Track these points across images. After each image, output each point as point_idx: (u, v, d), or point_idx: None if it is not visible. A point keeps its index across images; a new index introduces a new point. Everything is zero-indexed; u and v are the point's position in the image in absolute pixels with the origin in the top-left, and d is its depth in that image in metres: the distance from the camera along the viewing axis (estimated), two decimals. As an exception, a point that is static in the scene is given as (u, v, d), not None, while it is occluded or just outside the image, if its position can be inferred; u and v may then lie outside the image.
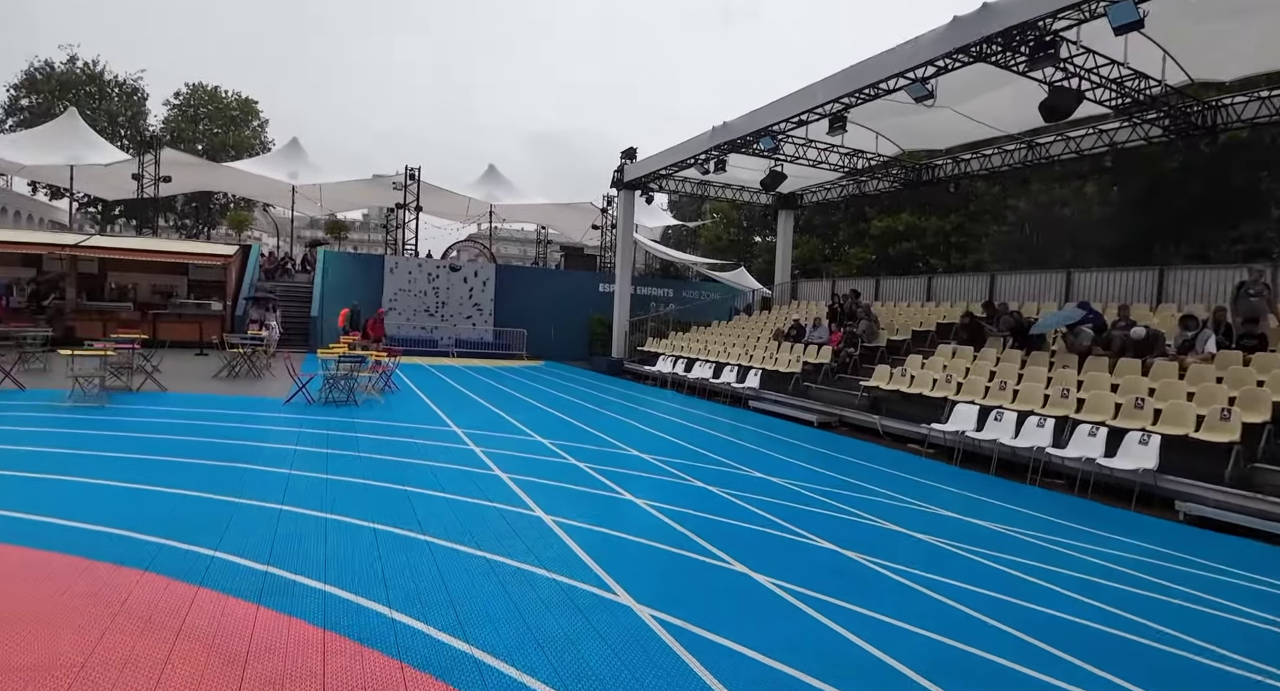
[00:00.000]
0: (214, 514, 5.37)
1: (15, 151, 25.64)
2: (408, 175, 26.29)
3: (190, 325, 20.00)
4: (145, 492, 5.85)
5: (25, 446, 7.31)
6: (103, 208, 43.51)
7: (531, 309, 26.02)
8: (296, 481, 6.46)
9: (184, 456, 7.19)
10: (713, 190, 23.51)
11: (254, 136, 50.39)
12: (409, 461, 7.56)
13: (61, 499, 5.56)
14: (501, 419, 10.93)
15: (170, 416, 9.41)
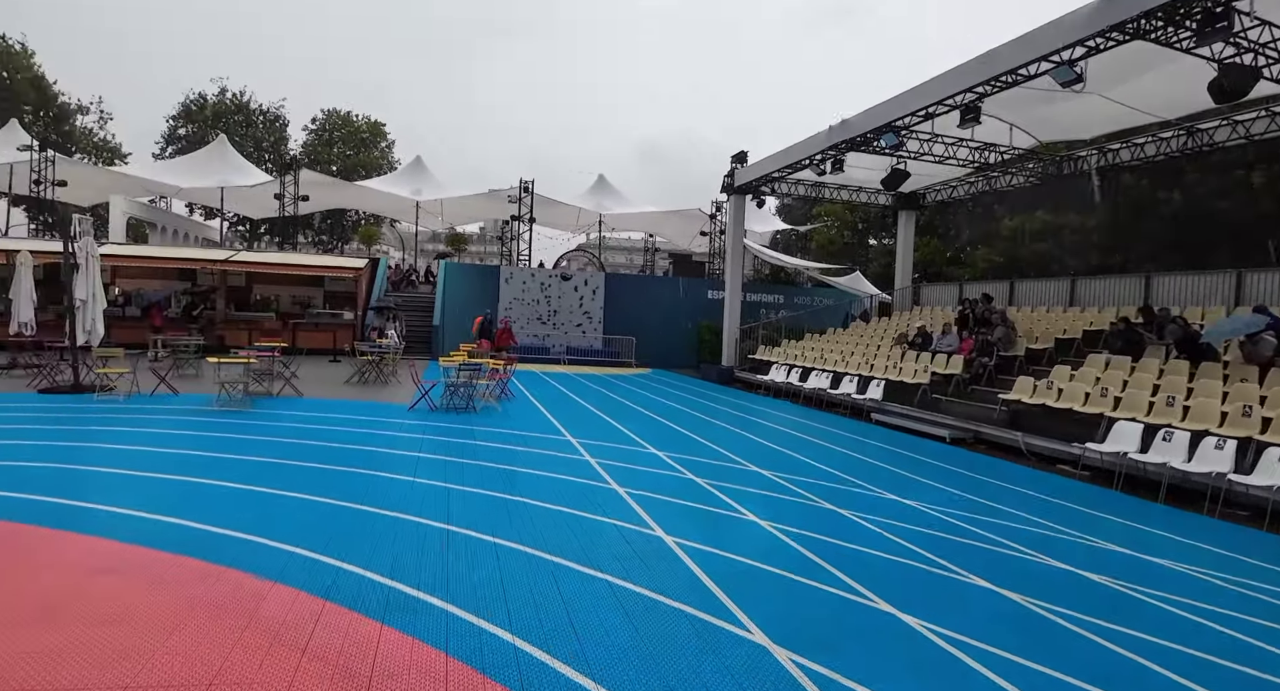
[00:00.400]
0: (342, 522, 5.45)
1: (174, 176, 28.51)
2: (521, 188, 27.01)
3: (325, 333, 21.33)
4: (279, 498, 6.04)
5: (173, 449, 7.82)
6: (249, 225, 47.66)
7: (640, 316, 26.02)
8: (419, 490, 6.51)
9: (316, 461, 7.45)
10: (828, 192, 22.65)
11: (382, 157, 53.70)
12: (527, 472, 7.50)
13: (199, 502, 5.82)
14: (614, 429, 10.79)
15: (305, 421, 9.89)
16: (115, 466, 6.89)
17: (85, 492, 5.92)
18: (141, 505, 5.61)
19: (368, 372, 15.15)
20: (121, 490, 6.10)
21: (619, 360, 24.93)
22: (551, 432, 10.02)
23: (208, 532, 5.04)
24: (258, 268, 22.57)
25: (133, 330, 19.53)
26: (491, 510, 5.99)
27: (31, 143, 24.74)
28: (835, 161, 17.47)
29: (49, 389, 11.66)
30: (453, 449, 8.45)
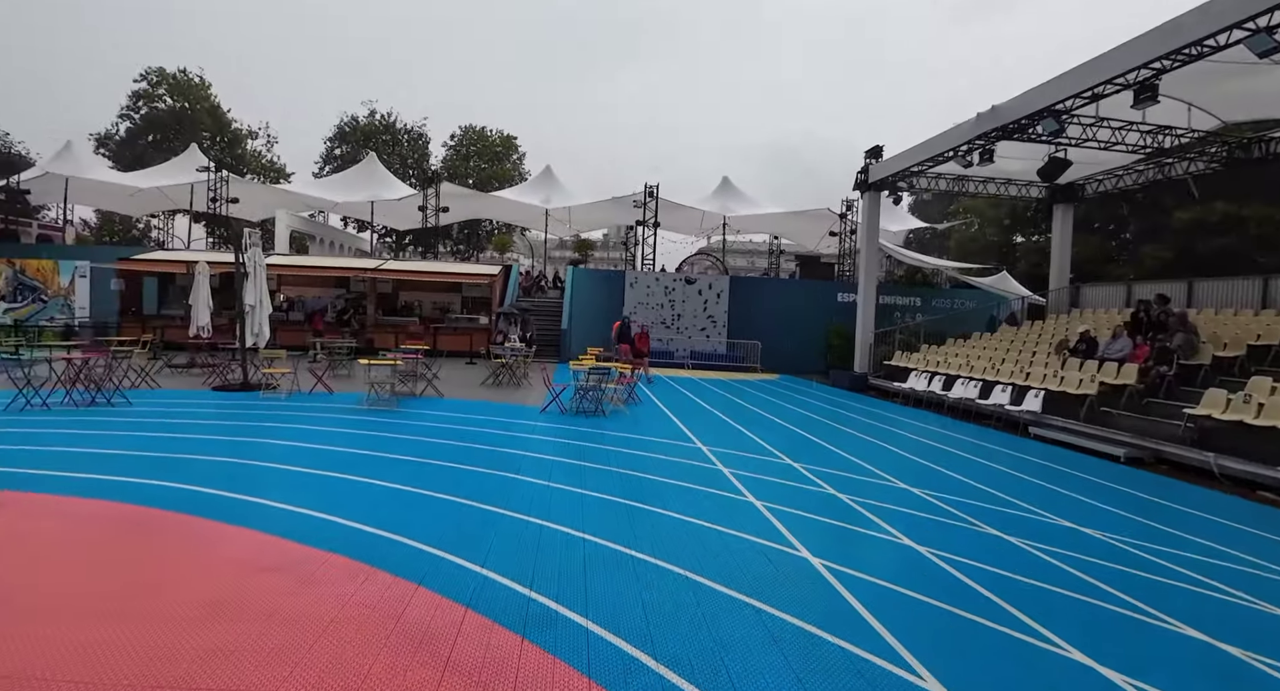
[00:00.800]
0: (482, 526, 5.46)
1: (329, 192, 31.00)
2: (646, 192, 27.12)
3: (462, 336, 22.35)
4: (422, 498, 6.18)
5: (327, 446, 8.28)
6: (396, 236, 51.13)
7: (765, 320, 25.40)
8: (555, 495, 6.47)
9: (456, 462, 7.63)
10: (972, 185, 21.10)
11: (514, 168, 56.08)
12: (659, 480, 7.30)
13: (350, 498, 6.05)
14: (745, 436, 10.41)
15: (445, 421, 10.25)
16: (277, 461, 7.36)
17: (250, 487, 6.32)
18: (299, 500, 5.90)
19: (501, 375, 15.63)
20: (281, 485, 6.47)
21: (744, 365, 24.43)
22: (681, 439, 9.80)
23: (357, 530, 5.19)
24: (403, 275, 24.03)
25: (295, 333, 21.33)
26: (626, 519, 5.83)
27: (208, 164, 27.70)
28: (984, 152, 16.18)
29: (221, 387, 12.84)
30: (585, 453, 8.42)
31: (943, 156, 17.56)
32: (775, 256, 41.47)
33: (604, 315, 24.98)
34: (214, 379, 13.57)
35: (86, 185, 30.37)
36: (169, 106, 49.91)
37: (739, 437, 10.29)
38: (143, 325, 22.60)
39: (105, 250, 26.40)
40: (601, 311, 24.99)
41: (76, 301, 24.75)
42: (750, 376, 22.12)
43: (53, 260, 24.71)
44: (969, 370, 16.19)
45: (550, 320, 25.20)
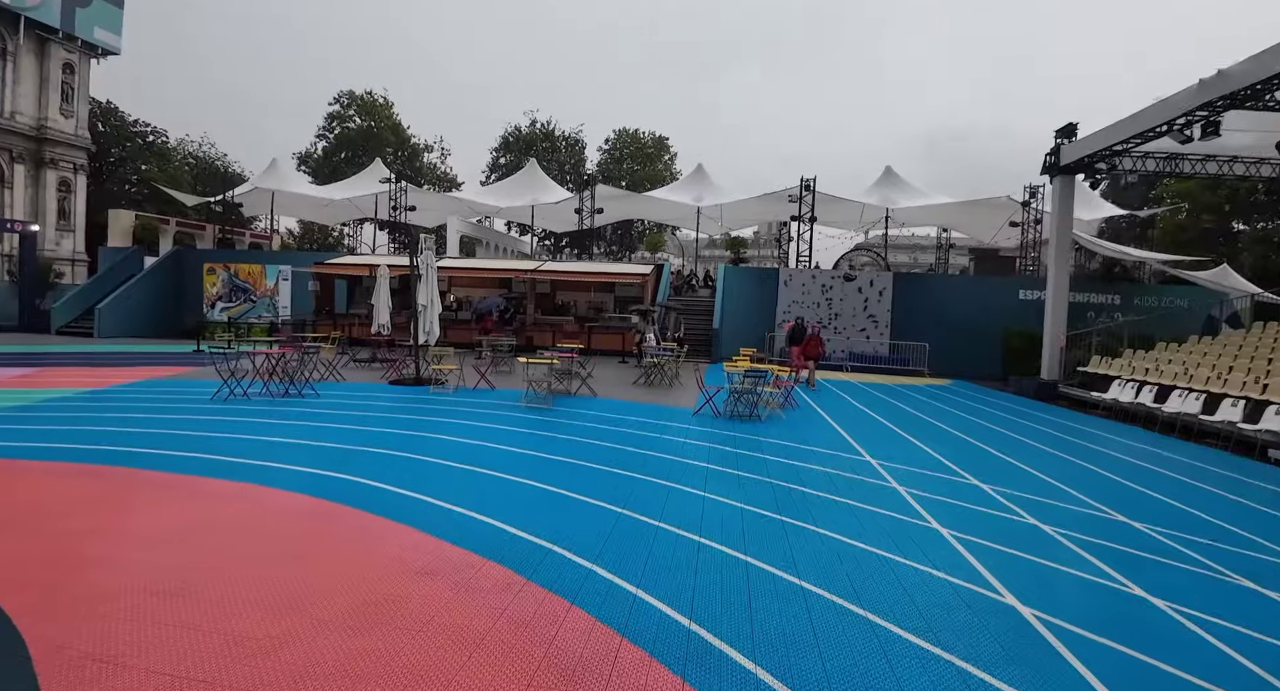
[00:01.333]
0: (637, 538, 5.14)
1: (494, 198, 32.72)
2: (802, 186, 26.01)
3: (615, 335, 22.56)
4: (578, 504, 5.98)
5: (488, 442, 8.37)
6: (554, 239, 53.19)
7: (933, 320, 23.46)
8: (713, 509, 6.03)
9: (611, 465, 7.41)
10: (1188, 164, 18.20)
11: (665, 169, 56.52)
12: (825, 497, 6.64)
13: (508, 500, 5.96)
14: (919, 450, 9.40)
15: (599, 421, 10.14)
16: (440, 456, 7.51)
17: (415, 482, 6.44)
18: (458, 498, 5.90)
19: (653, 375, 15.46)
20: (443, 482, 6.54)
21: (909, 368, 22.71)
22: (846, 450, 9.01)
23: (512, 536, 5.05)
24: (559, 276, 24.70)
25: (463, 331, 22.55)
26: (792, 542, 5.26)
27: (390, 176, 30.07)
28: (1206, 124, 13.78)
29: (397, 380, 13.65)
30: (742, 462, 7.91)
31: (1154, 131, 15.20)
32: (944, 251, 38.49)
33: (756, 314, 24.25)
34: (391, 373, 14.49)
35: (289, 198, 34.13)
36: (358, 126, 55.17)
37: (913, 451, 9.30)
38: (334, 322, 24.93)
39: (304, 255, 29.48)
40: (754, 310, 24.27)
41: (280, 301, 27.82)
42: (917, 381, 20.48)
43: (260, 265, 27.92)
44: (1187, 380, 13.84)
45: (700, 319, 24.85)
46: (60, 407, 9.89)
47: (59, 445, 7.49)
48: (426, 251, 13.69)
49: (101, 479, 6.28)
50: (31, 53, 37.93)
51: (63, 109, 39.68)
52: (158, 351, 18.93)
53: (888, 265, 35.49)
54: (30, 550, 4.53)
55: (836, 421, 11.39)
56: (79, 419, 9.07)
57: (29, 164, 38.34)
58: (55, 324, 26.04)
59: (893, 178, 32.41)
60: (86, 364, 15.92)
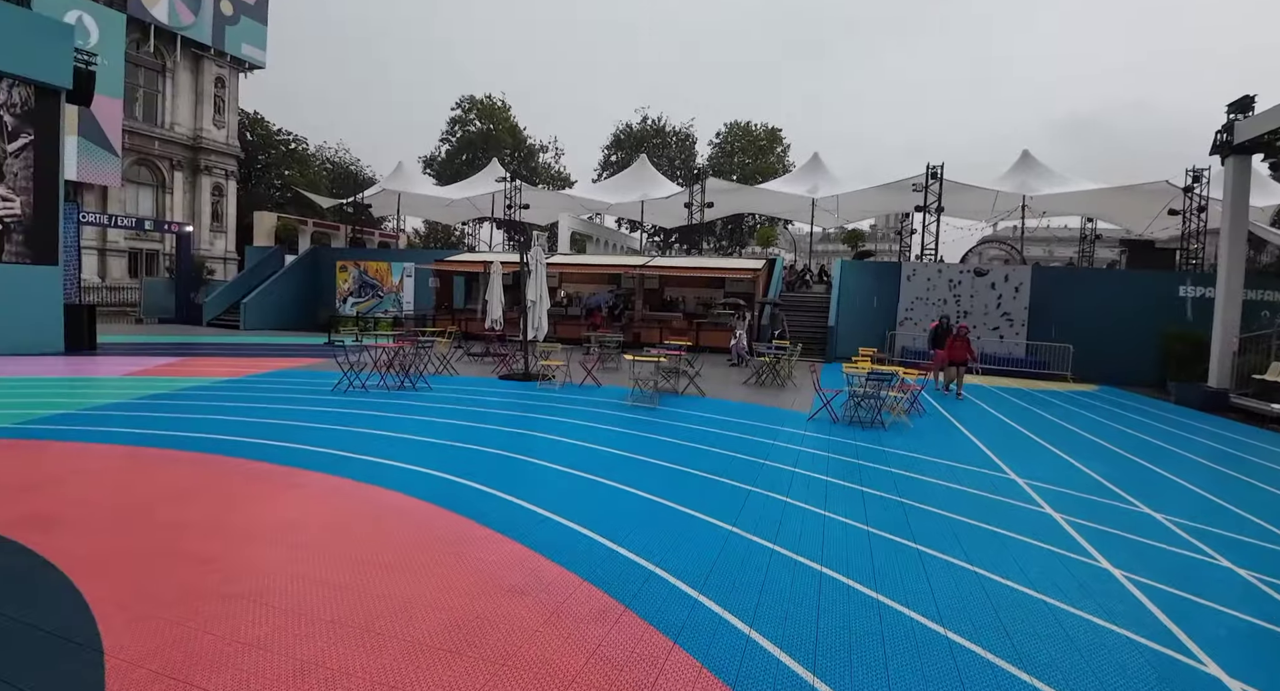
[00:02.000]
0: (748, 564, 4.59)
1: (604, 194, 32.81)
2: (929, 174, 24.28)
3: (724, 333, 21.91)
4: (685, 518, 5.50)
5: (591, 444, 8.04)
6: (663, 235, 52.98)
7: (1077, 319, 21.24)
8: (834, 530, 5.38)
9: (720, 474, 6.89)
10: None
11: (778, 162, 55.01)
12: (969, 523, 5.81)
13: (610, 510, 5.57)
14: (1071, 467, 8.25)
15: (706, 423, 9.63)
16: (541, 458, 7.25)
17: (514, 484, 6.19)
18: (557, 505, 5.59)
19: (764, 374, 14.76)
20: (542, 486, 6.25)
21: (1048, 372, 20.67)
22: (987, 466, 8.02)
23: (612, 552, 4.65)
24: (668, 271, 24.34)
25: (573, 327, 22.66)
26: (932, 577, 4.54)
27: (505, 175, 30.78)
28: None
29: (506, 375, 13.70)
30: (866, 476, 7.16)
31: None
32: (1088, 242, 35.01)
33: (876, 312, 22.89)
34: (501, 368, 14.60)
35: (413, 199, 35.75)
36: (478, 129, 57.25)
37: (1064, 468, 8.17)
38: (452, 317, 25.79)
39: (426, 253, 30.71)
40: (873, 308, 22.92)
41: (404, 296, 29.13)
42: (1059, 386, 18.58)
43: (386, 262, 29.33)
44: None
45: (814, 316, 23.76)
46: (193, 396, 10.50)
47: (184, 433, 7.84)
48: (536, 247, 13.65)
49: (209, 469, 6.43)
50: (187, 69, 41.76)
51: (215, 120, 43.51)
52: (293, 343, 20.19)
53: (1023, 258, 32.78)
54: (125, 543, 4.58)
55: (972, 431, 10.30)
56: (207, 408, 9.54)
57: (186, 171, 42.29)
58: (206, 317, 28.47)
59: (1030, 163, 29.83)
60: (229, 354, 17.12)
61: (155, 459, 6.77)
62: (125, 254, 39.75)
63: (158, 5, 38.39)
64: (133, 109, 39.45)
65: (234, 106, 45.23)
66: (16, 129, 15.30)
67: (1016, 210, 30.73)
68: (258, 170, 51.58)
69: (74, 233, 19.51)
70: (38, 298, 15.75)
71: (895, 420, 10.47)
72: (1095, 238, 35.74)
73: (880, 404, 10.24)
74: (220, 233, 44.09)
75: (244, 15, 43.13)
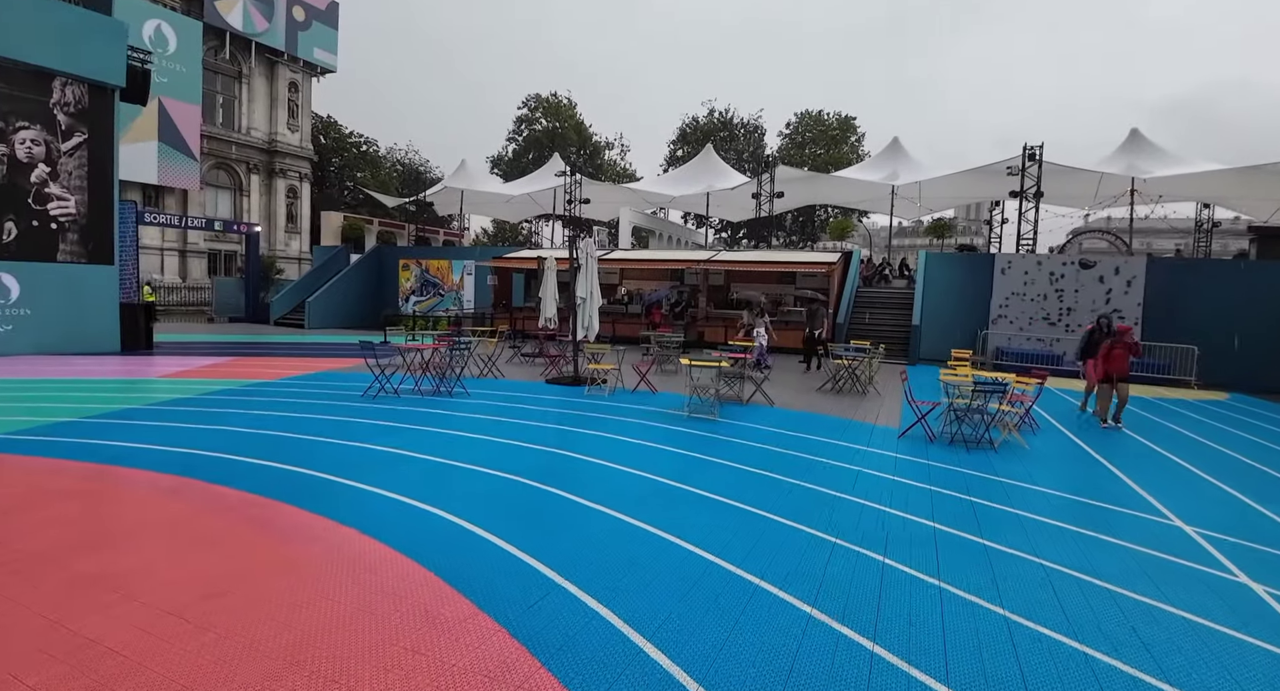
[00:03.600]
0: (840, 677, 3.20)
1: (668, 187, 31.41)
2: (1026, 155, 21.90)
3: (796, 332, 20.24)
4: (743, 588, 4.10)
5: (634, 469, 6.70)
6: (731, 230, 51.24)
7: (1200, 317, 18.62)
8: (959, 616, 3.85)
9: (792, 516, 5.44)
10: None
11: (851, 151, 52.40)
12: (1148, 604, 4.16)
13: (639, 573, 4.23)
14: (1249, 510, 6.38)
15: (775, 441, 8.17)
16: (576, 491, 5.97)
17: (537, 526, 4.95)
18: (585, 573, 4.28)
19: (842, 379, 13.13)
20: (572, 535, 4.97)
21: (1167, 377, 18.15)
22: (1139, 507, 6.28)
23: (638, 652, 3.33)
24: (735, 266, 22.81)
25: (633, 325, 21.46)
26: (1104, 682, 3.04)
27: (565, 169, 29.82)
28: None
29: (555, 379, 12.56)
30: (988, 522, 5.56)
31: None
32: (1204, 232, 31.42)
33: (965, 309, 20.75)
34: (551, 370, 13.51)
35: (476, 196, 35.32)
36: (544, 127, 56.89)
37: (1241, 513, 6.31)
38: (510, 315, 25.01)
39: (486, 250, 30.12)
40: (963, 304, 20.79)
41: (465, 295, 28.60)
42: (1184, 394, 16.15)
43: (447, 260, 28.85)
44: None
45: (894, 314, 21.79)
46: (214, 402, 9.75)
47: (172, 448, 6.96)
48: (587, 240, 12.47)
49: (179, 497, 5.45)
50: (262, 75, 42.68)
51: (289, 124, 44.40)
52: (348, 342, 19.66)
53: (1129, 248, 29.70)
54: (33, 597, 3.55)
55: (1103, 454, 8.47)
56: (218, 417, 8.71)
57: (262, 174, 43.27)
58: (273, 316, 28.66)
59: (1140, 143, 26.80)
60: (281, 354, 16.66)
61: (122, 481, 5.88)
62: (205, 254, 40.98)
63: (233, 12, 39.29)
64: (211, 114, 40.61)
65: (307, 110, 46.12)
66: (70, 128, 15.18)
67: (1119, 196, 27.68)
68: (332, 173, 52.63)
69: (132, 232, 19.56)
70: (93, 297, 15.63)
71: (1006, 438, 8.74)
72: (1211, 226, 32.13)
73: (988, 419, 8.52)
74: (295, 233, 45.02)
75: (315, 20, 43.81)
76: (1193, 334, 18.32)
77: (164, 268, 39.71)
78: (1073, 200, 29.19)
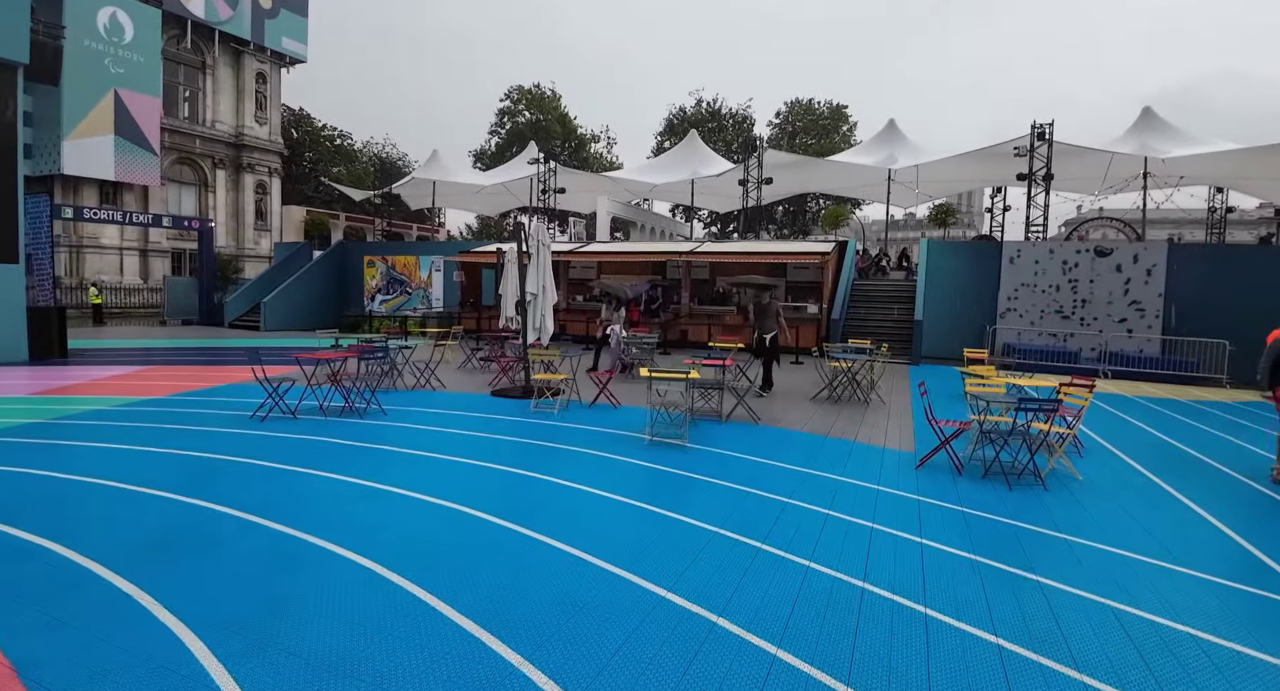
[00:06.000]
0: None
1: (649, 175, 29.48)
2: (1035, 134, 20.11)
3: (787, 329, 18.45)
4: None
5: (566, 538, 4.83)
6: (719, 222, 49.39)
7: (1228, 309, 16.91)
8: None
9: (787, 637, 3.62)
10: None
11: (843, 141, 50.68)
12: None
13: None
14: None
15: (760, 475, 6.30)
16: (485, 581, 4.11)
17: (393, 658, 3.09)
18: None
19: (840, 385, 11.30)
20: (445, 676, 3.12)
21: (1193, 375, 16.41)
22: (1258, 578, 4.47)
23: None
24: (720, 258, 20.95)
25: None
26: None
27: (538, 156, 27.85)
28: None
29: (501, 391, 10.69)
30: (1070, 626, 3.74)
31: None
32: (1218, 215, 29.72)
33: (971, 303, 18.99)
34: (501, 380, 11.65)
35: (449, 188, 33.29)
36: (527, 120, 54.88)
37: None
38: (479, 314, 23.11)
39: (458, 245, 28.18)
40: (968, 297, 19.03)
41: (433, 292, 26.64)
42: (1216, 394, 14.41)
43: (414, 256, 26.88)
44: None
45: (890, 308, 20.00)
46: (53, 431, 7.82)
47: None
48: (538, 225, 10.59)
49: None
50: (227, 65, 40.52)
51: (257, 116, 42.24)
52: (292, 346, 17.67)
53: (1140, 235, 27.98)
54: None
55: (1179, 488, 6.64)
56: (44, 453, 6.82)
57: (229, 169, 41.13)
58: (228, 317, 26.65)
59: (1153, 122, 25.08)
60: (206, 362, 14.73)
61: None
62: (169, 254, 38.89)
63: (194, 0, 37.14)
64: (173, 107, 38.45)
65: (276, 102, 43.96)
66: (-44, 107, 13.20)
67: (1131, 180, 25.91)
68: (304, 168, 50.50)
69: (46, 229, 17.55)
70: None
71: (1053, 468, 6.87)
72: (1225, 211, 30.47)
73: (1031, 442, 6.64)
74: (265, 231, 42.84)
75: (283, 8, 41.66)
76: (1221, 327, 16.59)
77: (124, 268, 37.62)
78: (1079, 185, 27.43)
